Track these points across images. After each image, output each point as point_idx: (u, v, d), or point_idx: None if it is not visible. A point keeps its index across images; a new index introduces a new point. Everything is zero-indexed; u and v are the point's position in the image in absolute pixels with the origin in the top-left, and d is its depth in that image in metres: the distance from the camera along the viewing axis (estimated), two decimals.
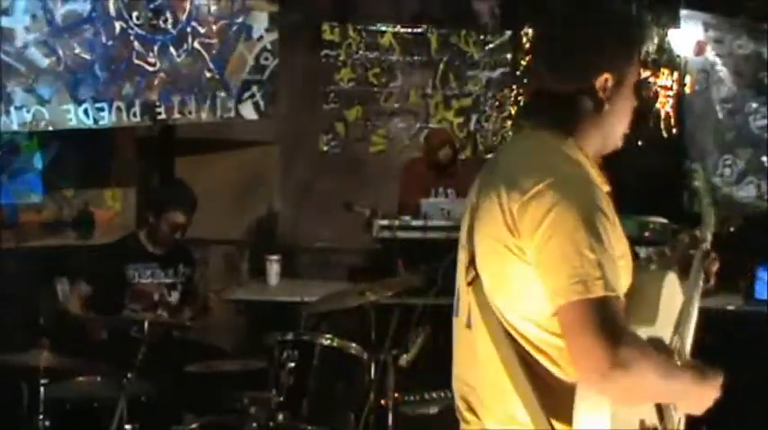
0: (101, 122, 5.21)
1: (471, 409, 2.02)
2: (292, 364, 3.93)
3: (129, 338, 4.30)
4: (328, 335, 4.11)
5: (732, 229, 3.21)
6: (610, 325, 1.75)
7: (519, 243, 1.86)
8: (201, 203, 5.03)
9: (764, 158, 6.50)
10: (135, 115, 5.32)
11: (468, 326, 2.01)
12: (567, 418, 1.85)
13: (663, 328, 1.99)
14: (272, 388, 3.91)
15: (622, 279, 1.87)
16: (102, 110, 5.18)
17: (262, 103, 5.83)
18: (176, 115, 5.51)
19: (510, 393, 1.90)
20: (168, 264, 4.92)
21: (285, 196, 7.33)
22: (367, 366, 4.06)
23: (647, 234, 6.02)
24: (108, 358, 4.07)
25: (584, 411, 1.82)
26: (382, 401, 4.07)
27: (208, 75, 5.60)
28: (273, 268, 5.86)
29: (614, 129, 2.04)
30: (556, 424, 1.87)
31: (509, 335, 1.91)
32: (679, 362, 2.01)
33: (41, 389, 3.79)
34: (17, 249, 5.65)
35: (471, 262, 1.97)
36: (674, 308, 2.08)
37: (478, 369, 1.99)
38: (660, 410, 1.95)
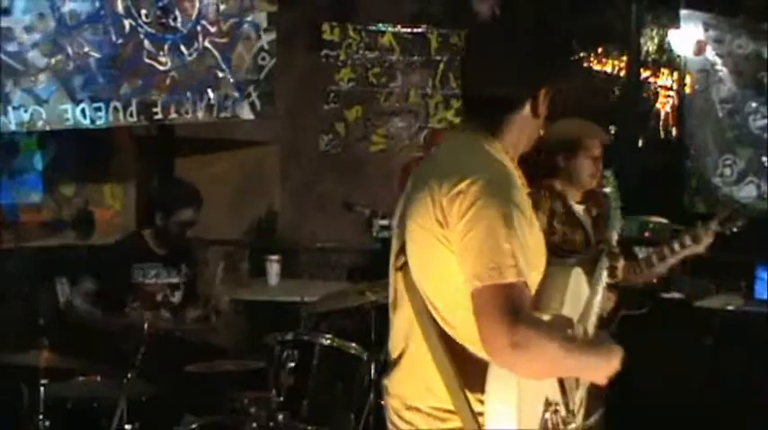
0: (98, 122, 5.19)
1: (395, 384, 2.24)
2: (292, 364, 3.93)
3: (130, 338, 4.29)
4: (328, 336, 4.10)
5: (735, 230, 3.32)
6: (513, 306, 1.93)
7: (446, 233, 2.05)
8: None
9: (764, 158, 6.49)
10: (132, 115, 5.29)
11: (395, 306, 2.23)
12: (481, 392, 2.04)
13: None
14: (272, 388, 3.91)
15: (533, 271, 2.06)
16: (99, 110, 5.16)
17: (258, 103, 5.79)
18: (173, 115, 5.48)
19: (430, 369, 2.11)
20: (172, 264, 4.91)
21: (285, 196, 7.32)
22: (367, 366, 4.06)
23: (647, 234, 6.02)
24: (108, 358, 4.07)
25: (494, 387, 2.01)
26: (382, 401, 4.06)
27: (220, 74, 5.58)
28: (273, 268, 5.86)
29: (538, 132, 2.27)
30: (470, 396, 2.06)
31: (431, 316, 2.11)
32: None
33: (41, 389, 3.78)
34: (17, 249, 5.65)
35: (401, 249, 2.18)
36: (580, 300, 2.35)
37: (402, 346, 2.20)
38: (563, 387, 2.18)
